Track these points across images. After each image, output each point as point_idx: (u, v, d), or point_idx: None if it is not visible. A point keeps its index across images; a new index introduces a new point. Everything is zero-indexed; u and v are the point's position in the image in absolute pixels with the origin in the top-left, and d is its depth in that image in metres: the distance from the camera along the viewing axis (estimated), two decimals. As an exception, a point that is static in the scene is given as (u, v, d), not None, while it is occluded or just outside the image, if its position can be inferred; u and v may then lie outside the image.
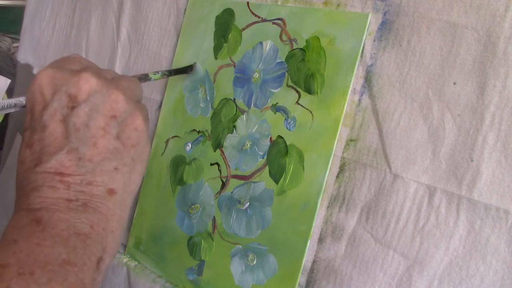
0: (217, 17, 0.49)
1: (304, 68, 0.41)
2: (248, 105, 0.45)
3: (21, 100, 0.33)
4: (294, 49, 0.42)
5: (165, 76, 0.46)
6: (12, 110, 0.33)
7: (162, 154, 0.52)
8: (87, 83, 0.31)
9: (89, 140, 0.31)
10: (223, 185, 0.46)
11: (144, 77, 0.43)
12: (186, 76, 0.50)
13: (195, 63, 0.50)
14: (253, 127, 0.44)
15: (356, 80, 0.38)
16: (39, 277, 0.26)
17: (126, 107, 0.32)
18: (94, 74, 0.32)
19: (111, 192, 0.31)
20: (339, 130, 0.39)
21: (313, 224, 0.39)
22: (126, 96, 0.32)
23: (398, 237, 0.36)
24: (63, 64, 0.34)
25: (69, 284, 0.27)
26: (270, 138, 0.43)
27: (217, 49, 0.48)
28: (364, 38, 0.38)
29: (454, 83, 0.34)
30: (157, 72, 0.45)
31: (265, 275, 0.42)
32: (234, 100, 0.46)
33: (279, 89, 0.43)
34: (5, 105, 0.33)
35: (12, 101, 0.33)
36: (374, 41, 0.38)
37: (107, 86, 0.32)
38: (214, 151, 0.47)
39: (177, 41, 0.52)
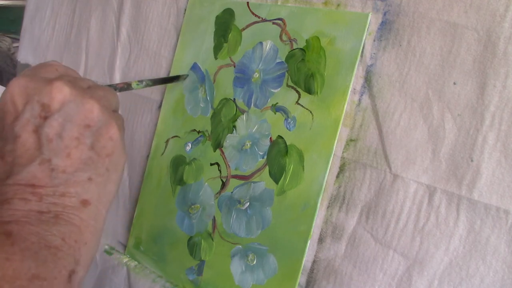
0: (217, 17, 0.49)
1: (304, 68, 0.41)
2: (248, 105, 0.45)
3: None
4: (294, 49, 0.42)
5: (149, 86, 0.46)
6: None
7: (162, 154, 0.52)
8: (60, 93, 0.30)
9: (63, 151, 0.30)
10: (223, 185, 0.46)
11: (126, 87, 0.42)
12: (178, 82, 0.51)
13: (189, 74, 0.50)
14: (253, 127, 0.44)
15: (356, 80, 0.38)
16: None
17: (101, 116, 0.31)
18: (68, 83, 0.31)
19: (85, 203, 0.31)
20: (339, 130, 0.39)
21: (313, 224, 0.39)
22: (101, 105, 0.32)
23: (398, 237, 0.36)
24: (38, 72, 0.33)
25: None
26: (270, 138, 0.43)
27: (217, 49, 0.48)
28: (364, 38, 0.38)
29: (454, 83, 0.34)
30: (141, 81, 0.44)
31: (265, 275, 0.42)
32: (234, 100, 0.46)
33: (279, 89, 0.43)
34: None
35: None
36: (374, 41, 0.38)
37: (81, 95, 0.31)
38: (214, 151, 0.47)
39: (177, 41, 0.52)
